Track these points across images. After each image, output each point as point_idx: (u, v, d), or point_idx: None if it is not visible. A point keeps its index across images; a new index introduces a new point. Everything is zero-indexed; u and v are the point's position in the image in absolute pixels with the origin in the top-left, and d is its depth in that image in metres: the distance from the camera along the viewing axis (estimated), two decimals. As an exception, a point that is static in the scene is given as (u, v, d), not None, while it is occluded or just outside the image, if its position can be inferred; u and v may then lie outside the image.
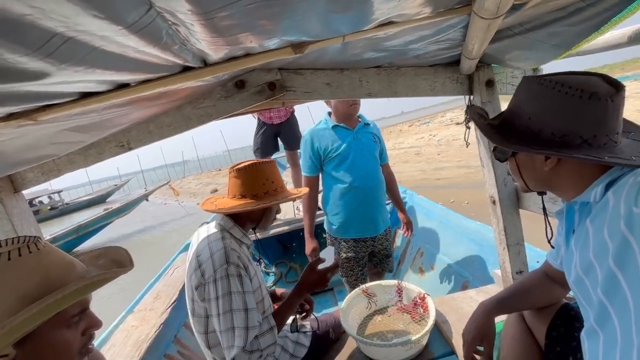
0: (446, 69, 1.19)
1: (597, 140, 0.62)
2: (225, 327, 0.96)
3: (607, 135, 0.62)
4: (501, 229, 1.28)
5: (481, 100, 1.18)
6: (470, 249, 2.07)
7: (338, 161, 1.79)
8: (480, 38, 0.72)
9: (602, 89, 0.61)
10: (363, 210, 1.81)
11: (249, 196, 1.10)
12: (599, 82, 0.63)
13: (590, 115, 0.61)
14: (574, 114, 0.62)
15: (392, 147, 10.81)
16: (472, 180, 5.56)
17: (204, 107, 1.09)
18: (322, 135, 1.82)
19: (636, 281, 0.54)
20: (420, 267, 2.46)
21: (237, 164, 1.15)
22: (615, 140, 0.63)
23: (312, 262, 1.16)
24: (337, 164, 1.80)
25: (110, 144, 1.07)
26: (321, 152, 1.82)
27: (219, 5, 0.37)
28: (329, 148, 1.79)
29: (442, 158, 7.98)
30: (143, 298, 2.04)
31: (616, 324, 0.58)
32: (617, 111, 0.62)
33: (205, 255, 1.02)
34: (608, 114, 0.61)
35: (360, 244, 1.88)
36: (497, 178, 1.23)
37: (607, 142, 0.62)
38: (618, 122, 0.64)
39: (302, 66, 1.10)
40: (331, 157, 1.80)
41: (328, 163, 1.83)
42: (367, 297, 1.45)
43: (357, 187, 1.78)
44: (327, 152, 1.80)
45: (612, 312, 0.59)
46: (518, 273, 1.31)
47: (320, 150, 1.81)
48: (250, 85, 1.08)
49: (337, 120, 1.83)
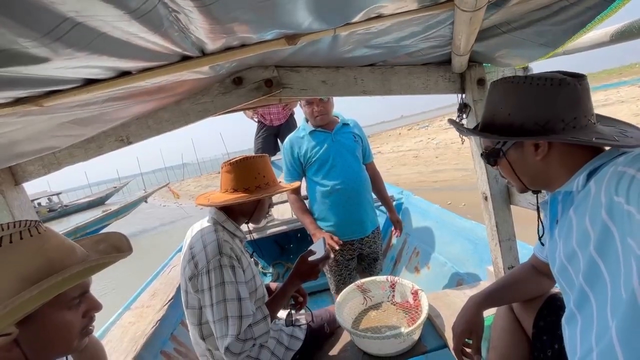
0: (439, 68, 1.22)
1: (578, 122, 0.64)
2: (218, 317, 0.98)
3: (585, 116, 0.65)
4: (493, 224, 1.31)
5: (473, 99, 1.21)
6: (465, 248, 2.09)
7: (318, 165, 1.78)
8: (466, 32, 0.75)
9: (567, 77, 0.66)
10: (348, 213, 1.80)
11: (241, 190, 1.12)
12: (561, 74, 0.67)
13: (565, 99, 0.64)
14: (551, 100, 0.65)
15: (390, 150, 10.85)
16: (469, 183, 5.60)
17: (202, 103, 1.11)
18: (301, 142, 1.82)
19: (615, 268, 0.55)
20: (416, 266, 2.48)
21: (229, 160, 1.17)
22: (593, 121, 0.66)
23: (303, 254, 1.18)
24: (317, 168, 1.79)
25: (109, 138, 1.10)
26: (301, 159, 1.82)
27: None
28: (308, 153, 1.79)
29: (439, 161, 8.03)
30: (140, 295, 2.05)
31: (594, 307, 0.60)
32: (587, 94, 0.66)
33: (198, 247, 1.04)
34: (580, 96, 0.65)
35: (347, 247, 1.87)
36: (488, 174, 1.26)
37: (587, 123, 0.65)
38: (591, 104, 0.67)
39: (299, 63, 1.13)
40: (311, 162, 1.79)
41: (309, 168, 1.83)
42: (362, 293, 1.47)
43: (339, 189, 1.76)
44: (307, 157, 1.79)
45: (591, 297, 0.61)
46: (510, 268, 1.33)
47: (301, 157, 1.81)
48: (247, 82, 1.11)
49: (313, 125, 1.82)
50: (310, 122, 1.83)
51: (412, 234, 2.76)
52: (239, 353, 0.97)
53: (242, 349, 0.98)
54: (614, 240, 0.55)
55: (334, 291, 1.98)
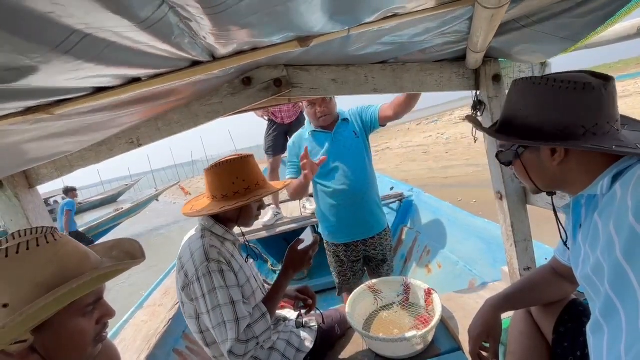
0: (452, 64, 1.19)
1: (599, 129, 0.61)
2: (216, 323, 0.98)
3: (608, 122, 0.62)
4: (508, 225, 1.27)
5: (488, 95, 1.17)
6: (478, 247, 2.05)
7: (319, 168, 1.73)
8: (485, 29, 0.72)
9: (592, 80, 0.62)
10: (350, 213, 1.76)
11: (219, 197, 1.09)
12: (588, 75, 0.64)
13: (587, 104, 0.61)
14: (572, 105, 0.62)
15: (399, 145, 10.74)
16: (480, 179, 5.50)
17: (211, 104, 1.11)
18: (303, 142, 1.79)
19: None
20: (427, 265, 2.45)
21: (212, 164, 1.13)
22: (617, 127, 0.63)
23: (292, 244, 1.17)
24: (319, 171, 1.73)
25: (120, 140, 1.10)
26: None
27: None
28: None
29: (450, 157, 7.91)
30: (152, 294, 2.08)
31: (623, 318, 0.57)
32: (613, 99, 0.63)
33: (186, 257, 1.04)
34: (604, 102, 0.61)
35: (352, 248, 1.84)
36: (504, 174, 1.22)
37: (610, 130, 0.62)
38: (615, 110, 0.64)
39: (308, 62, 1.11)
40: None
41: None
42: (373, 294, 1.45)
43: (340, 191, 1.72)
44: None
45: (619, 305, 0.58)
46: (526, 269, 1.29)
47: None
48: (256, 82, 1.09)
49: (315, 125, 1.78)
50: (312, 123, 1.79)
51: (422, 232, 2.72)
52: (243, 354, 0.98)
53: (246, 350, 0.98)
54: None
55: (338, 292, 1.96)
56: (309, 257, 1.14)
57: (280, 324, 1.29)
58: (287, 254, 1.15)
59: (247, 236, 2.92)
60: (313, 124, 1.80)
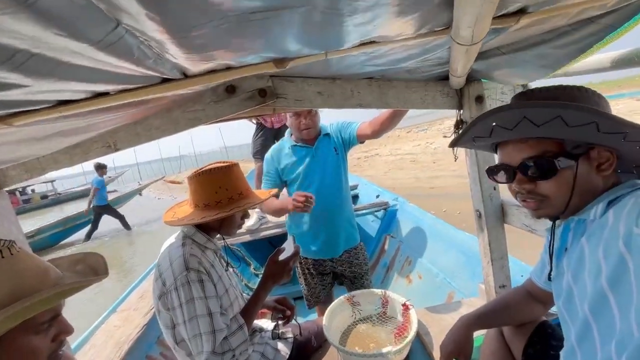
0: (437, 83, 1.20)
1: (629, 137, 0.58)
2: (192, 334, 0.96)
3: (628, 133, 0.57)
4: (486, 242, 1.29)
5: (470, 115, 1.19)
6: (458, 260, 2.08)
7: (297, 183, 1.73)
8: (463, 60, 0.73)
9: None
10: (320, 232, 1.75)
11: (201, 206, 1.07)
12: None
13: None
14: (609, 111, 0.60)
15: (389, 152, 10.83)
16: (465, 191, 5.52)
17: (194, 111, 1.09)
18: (282, 156, 1.76)
19: (627, 301, 0.52)
20: (408, 275, 2.47)
21: (195, 171, 1.10)
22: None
23: (272, 255, 1.16)
24: (296, 186, 1.73)
25: (96, 144, 1.06)
26: (281, 174, 1.77)
27: (190, 26, 0.37)
28: (287, 170, 1.74)
29: (437, 167, 8.01)
30: (128, 297, 2.02)
31: (597, 342, 0.57)
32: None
33: (165, 265, 1.02)
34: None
35: (319, 263, 1.84)
36: (483, 192, 1.24)
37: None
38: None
39: (294, 74, 1.11)
40: (290, 179, 1.74)
41: (289, 185, 1.78)
42: (352, 306, 1.45)
43: (315, 208, 1.64)
44: (286, 173, 1.74)
45: (594, 330, 0.58)
46: (501, 287, 1.32)
47: (280, 172, 1.77)
48: (240, 91, 1.08)
49: (295, 139, 1.76)
50: (294, 135, 1.77)
51: (405, 242, 2.75)
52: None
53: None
54: (629, 273, 0.52)
55: (307, 304, 1.95)
56: (289, 269, 1.13)
57: (256, 335, 1.28)
58: (267, 266, 1.13)
59: (231, 240, 2.89)
60: (295, 136, 1.77)
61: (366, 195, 3.74)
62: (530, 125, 0.58)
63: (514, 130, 0.61)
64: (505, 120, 0.59)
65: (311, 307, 1.96)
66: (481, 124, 0.65)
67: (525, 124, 0.58)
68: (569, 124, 0.55)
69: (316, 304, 1.94)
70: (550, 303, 0.90)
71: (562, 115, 0.54)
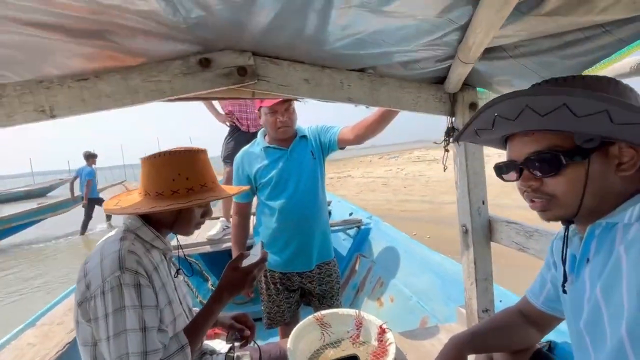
0: (431, 86, 1.14)
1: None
2: (117, 354, 0.73)
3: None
4: (471, 261, 1.20)
5: (463, 123, 1.12)
6: (433, 283, 1.98)
7: (269, 188, 1.57)
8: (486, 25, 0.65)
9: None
10: (291, 241, 1.58)
11: (152, 194, 0.88)
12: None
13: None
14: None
15: (361, 175, 10.98)
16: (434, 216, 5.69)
17: (157, 81, 0.92)
18: (253, 159, 1.60)
19: None
20: (379, 298, 2.33)
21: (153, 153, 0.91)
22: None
23: (232, 260, 0.96)
24: (268, 191, 1.57)
25: (26, 106, 0.86)
26: (252, 177, 1.60)
27: None
28: (259, 173, 1.58)
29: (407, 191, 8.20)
30: (52, 310, 1.69)
31: None
32: None
33: (94, 261, 0.79)
34: None
35: (288, 277, 1.65)
36: (471, 205, 1.16)
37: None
38: None
39: (278, 53, 0.99)
40: (262, 183, 1.58)
41: (260, 190, 1.61)
42: (321, 327, 1.28)
43: (287, 214, 1.54)
44: (258, 177, 1.58)
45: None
46: (484, 312, 1.22)
47: (251, 176, 1.60)
48: (216, 66, 0.94)
49: (269, 141, 1.62)
50: (269, 134, 1.62)
51: (378, 262, 2.63)
52: None
53: None
54: None
55: (265, 323, 1.73)
56: (252, 278, 0.93)
57: (206, 358, 1.06)
58: (225, 272, 0.93)
59: (188, 249, 2.61)
60: (269, 136, 1.63)
61: (339, 213, 3.62)
62: (534, 115, 0.51)
63: (516, 122, 0.54)
64: (507, 110, 0.53)
65: (272, 327, 1.75)
66: (484, 115, 0.58)
67: (528, 114, 0.51)
68: (577, 113, 0.48)
69: (278, 325, 1.74)
70: (548, 327, 0.80)
71: (568, 103, 0.47)
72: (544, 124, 0.52)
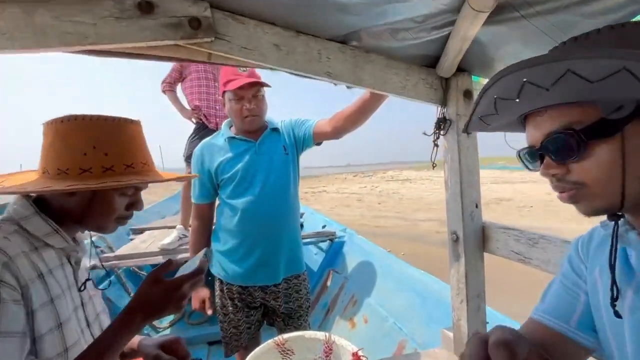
0: (421, 69, 0.99)
1: None
2: None
3: None
4: (461, 274, 1.03)
5: (457, 112, 0.98)
6: (412, 302, 1.80)
7: (232, 185, 1.35)
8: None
9: None
10: (255, 248, 1.35)
11: (52, 172, 0.64)
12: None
13: None
14: None
15: (336, 190, 10.92)
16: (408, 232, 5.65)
17: (76, 23, 0.69)
18: (215, 151, 1.39)
19: None
20: (352, 318, 2.11)
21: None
22: None
23: (156, 268, 0.70)
24: (231, 188, 1.35)
25: None
26: (212, 173, 1.37)
27: None
28: (220, 167, 1.36)
29: (382, 207, 8.19)
30: None
31: None
32: None
33: None
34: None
35: (249, 292, 1.40)
36: (464, 208, 1.00)
37: None
38: None
39: (245, 11, 0.80)
40: (224, 179, 1.36)
41: (222, 187, 1.38)
42: (282, 355, 1.04)
43: (252, 215, 1.33)
44: (219, 172, 1.36)
45: None
46: (475, 335, 1.04)
47: (212, 170, 1.37)
48: (161, 13, 0.73)
49: (235, 131, 1.42)
50: (235, 125, 1.41)
51: (351, 278, 2.42)
52: None
53: None
54: None
55: (226, 352, 1.47)
56: (181, 296, 0.66)
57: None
58: (141, 285, 0.67)
59: (136, 260, 2.25)
60: (235, 126, 1.42)
61: (311, 225, 3.40)
62: (538, 90, 0.40)
63: (520, 101, 0.44)
64: (506, 88, 0.44)
65: (231, 353, 1.47)
66: (485, 99, 0.48)
67: (530, 89, 0.41)
68: (589, 78, 0.37)
69: (237, 350, 1.46)
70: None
71: (573, 67, 0.37)
72: (552, 98, 0.42)
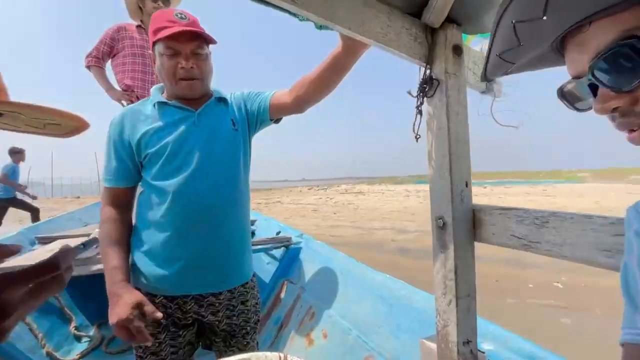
0: (405, 17, 0.82)
1: None
2: None
3: None
4: (450, 269, 0.84)
5: (445, 70, 0.81)
6: (377, 311, 1.59)
7: (159, 162, 1.01)
8: None
9: None
10: (187, 245, 1.02)
11: None
12: None
13: None
14: None
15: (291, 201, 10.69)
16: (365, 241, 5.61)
17: None
18: (140, 119, 1.04)
19: None
20: (309, 333, 1.84)
21: None
22: None
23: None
24: (158, 166, 1.01)
25: None
26: (134, 145, 1.02)
27: None
28: (145, 139, 1.02)
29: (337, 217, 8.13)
30: None
31: None
32: None
33: None
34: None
35: (178, 304, 1.05)
36: (453, 187, 0.82)
37: None
38: None
39: None
40: (149, 154, 1.02)
41: (146, 166, 1.04)
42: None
43: (187, 200, 1.01)
44: (143, 145, 1.02)
45: None
46: (466, 344, 0.85)
47: (133, 142, 1.02)
48: None
49: (167, 96, 1.09)
50: (167, 89, 1.09)
51: (308, 288, 2.16)
52: None
53: None
54: None
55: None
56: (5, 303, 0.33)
57: None
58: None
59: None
60: (168, 90, 1.09)
61: (264, 232, 3.09)
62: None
63: (549, 19, 0.34)
64: (526, 6, 0.36)
65: None
66: (502, 30, 0.40)
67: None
68: None
69: None
70: None
71: None
72: (594, 3, 0.32)
